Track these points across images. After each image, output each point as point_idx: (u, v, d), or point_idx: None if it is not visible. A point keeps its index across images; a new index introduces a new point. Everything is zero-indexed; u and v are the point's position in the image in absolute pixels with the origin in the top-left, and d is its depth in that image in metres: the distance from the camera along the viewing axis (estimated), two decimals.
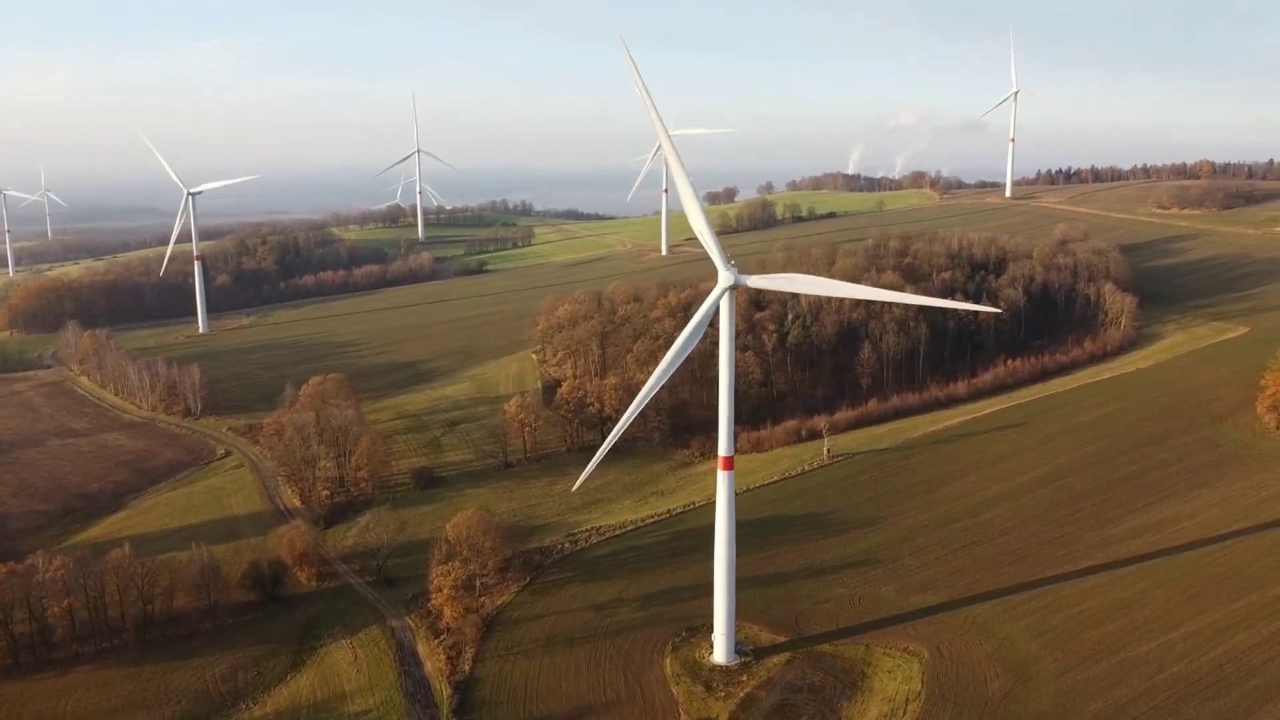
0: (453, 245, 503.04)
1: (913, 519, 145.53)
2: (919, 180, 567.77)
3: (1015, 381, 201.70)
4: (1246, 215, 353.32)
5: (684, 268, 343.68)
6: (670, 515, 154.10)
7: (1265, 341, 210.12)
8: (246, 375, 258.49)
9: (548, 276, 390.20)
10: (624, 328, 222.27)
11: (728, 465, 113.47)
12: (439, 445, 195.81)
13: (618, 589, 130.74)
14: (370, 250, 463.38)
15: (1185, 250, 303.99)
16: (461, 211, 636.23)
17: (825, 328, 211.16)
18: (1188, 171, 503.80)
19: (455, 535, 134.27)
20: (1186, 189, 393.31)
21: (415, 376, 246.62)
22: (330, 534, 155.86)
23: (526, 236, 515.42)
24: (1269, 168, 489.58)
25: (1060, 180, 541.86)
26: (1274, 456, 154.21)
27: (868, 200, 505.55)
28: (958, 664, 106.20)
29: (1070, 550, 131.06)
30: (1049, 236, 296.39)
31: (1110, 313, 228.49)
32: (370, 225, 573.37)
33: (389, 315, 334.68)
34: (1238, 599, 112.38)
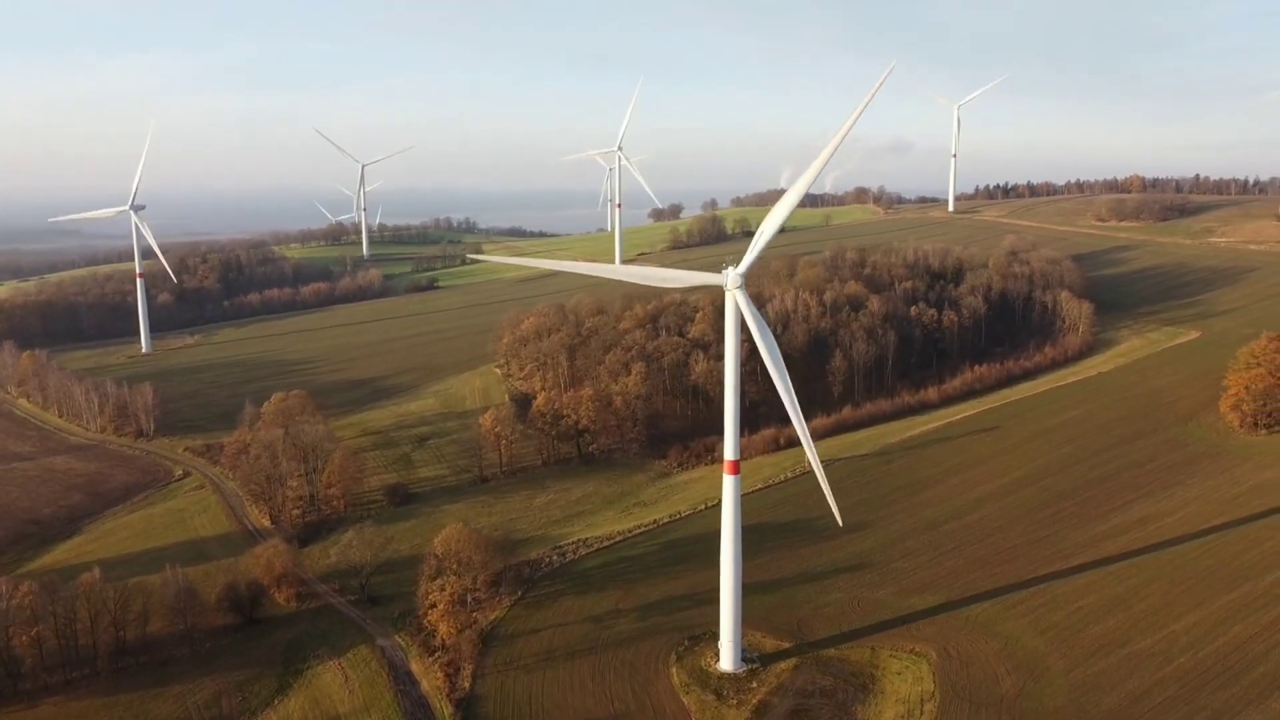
0: (399, 262, 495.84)
1: (901, 522, 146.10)
2: (862, 196, 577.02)
3: (983, 387, 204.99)
4: (1182, 227, 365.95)
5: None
6: (657, 525, 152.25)
7: (1217, 344, 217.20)
8: (199, 395, 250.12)
9: (501, 292, 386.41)
10: (592, 340, 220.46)
11: (733, 470, 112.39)
12: (409, 461, 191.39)
13: (613, 600, 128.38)
14: (315, 268, 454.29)
15: (1128, 260, 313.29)
16: (405, 229, 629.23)
17: (796, 336, 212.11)
18: (1119, 186, 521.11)
19: (444, 550, 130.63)
20: (1123, 202, 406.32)
21: (376, 393, 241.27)
22: (306, 553, 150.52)
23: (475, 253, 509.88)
24: (1196, 182, 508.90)
25: (999, 195, 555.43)
26: (1241, 453, 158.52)
27: (814, 215, 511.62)
28: (967, 663, 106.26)
29: (1059, 549, 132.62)
30: (999, 247, 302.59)
31: (1068, 319, 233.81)
32: (312, 243, 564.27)
33: (342, 332, 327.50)
34: (1231, 590, 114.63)
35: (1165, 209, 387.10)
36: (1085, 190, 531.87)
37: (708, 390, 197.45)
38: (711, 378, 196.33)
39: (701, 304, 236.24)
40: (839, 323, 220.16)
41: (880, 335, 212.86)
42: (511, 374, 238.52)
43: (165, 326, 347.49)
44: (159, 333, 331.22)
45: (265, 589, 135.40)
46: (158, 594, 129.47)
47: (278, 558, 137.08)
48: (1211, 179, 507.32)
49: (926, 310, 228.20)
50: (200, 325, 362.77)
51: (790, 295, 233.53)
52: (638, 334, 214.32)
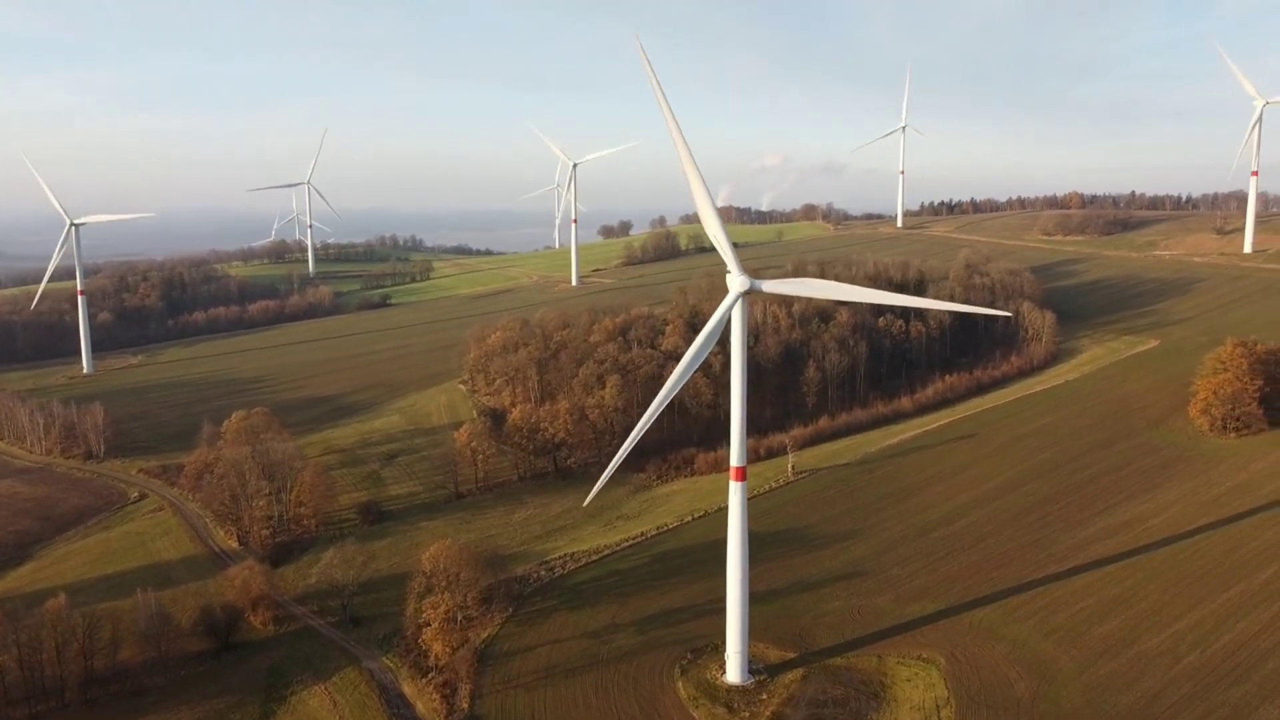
0: (347, 280, 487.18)
1: (890, 530, 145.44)
2: (810, 213, 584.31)
3: (955, 395, 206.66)
4: (1126, 240, 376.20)
5: (599, 297, 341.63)
6: (645, 538, 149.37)
7: (1177, 352, 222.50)
8: (149, 415, 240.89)
9: (456, 309, 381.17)
10: (562, 354, 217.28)
11: (740, 476, 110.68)
12: (379, 479, 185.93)
13: (609, 614, 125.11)
14: (261, 286, 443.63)
15: (1080, 272, 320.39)
16: (351, 247, 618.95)
17: (769, 348, 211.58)
18: (1059, 203, 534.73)
19: (432, 566, 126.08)
20: (1069, 217, 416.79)
21: (337, 411, 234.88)
22: (280, 575, 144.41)
23: (425, 271, 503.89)
24: (1132, 198, 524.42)
25: (944, 211, 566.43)
26: (1214, 456, 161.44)
27: (767, 231, 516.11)
28: (977, 668, 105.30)
29: (1050, 552, 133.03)
30: (956, 261, 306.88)
31: (1031, 329, 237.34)
32: (255, 262, 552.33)
33: (295, 350, 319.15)
34: (1228, 588, 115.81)
35: (1109, 223, 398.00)
36: (1027, 206, 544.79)
37: (684, 403, 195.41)
38: (688, 390, 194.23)
39: (671, 317, 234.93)
40: (810, 334, 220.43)
41: (852, 346, 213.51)
42: (478, 389, 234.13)
43: (106, 346, 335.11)
44: (100, 353, 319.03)
45: (241, 612, 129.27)
46: (128, 620, 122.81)
47: (254, 579, 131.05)
48: (1146, 195, 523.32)
49: (894, 321, 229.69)
50: (143, 345, 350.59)
51: (759, 307, 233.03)
52: (610, 347, 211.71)
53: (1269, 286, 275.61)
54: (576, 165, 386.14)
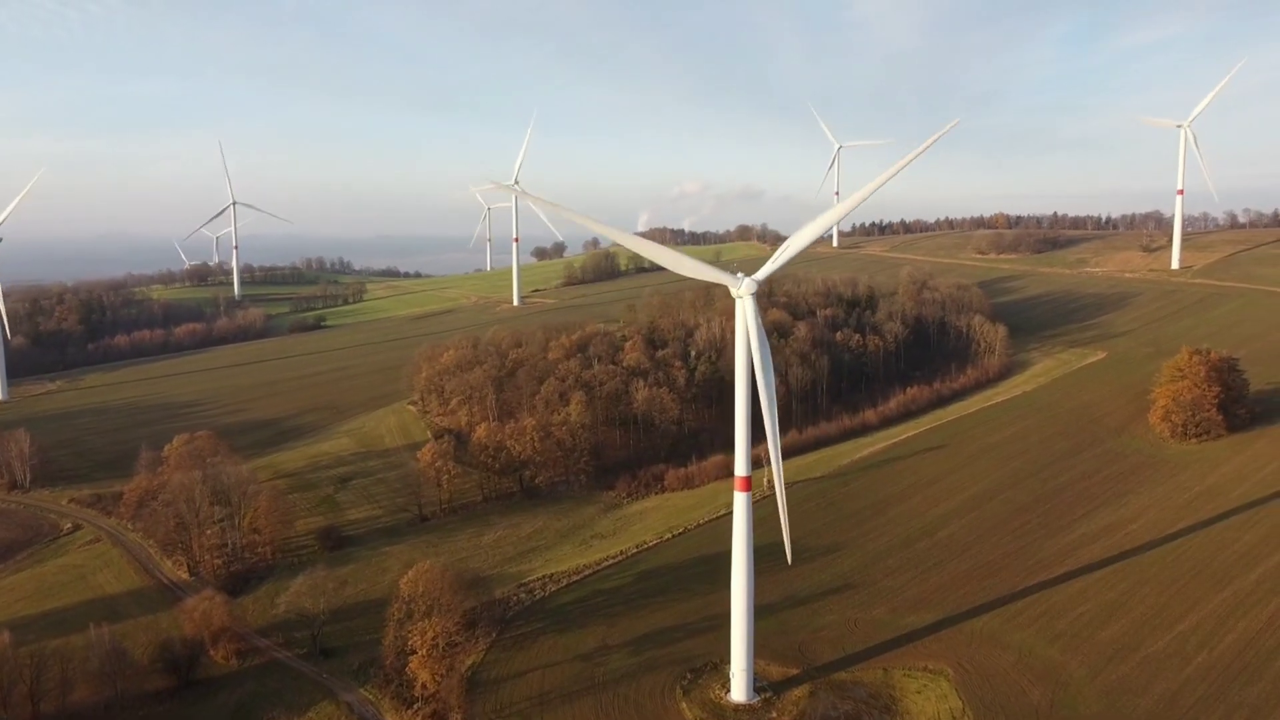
0: (276, 303, 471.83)
1: (874, 542, 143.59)
2: (745, 233, 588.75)
3: (917, 408, 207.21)
4: (1058, 258, 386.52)
5: (545, 316, 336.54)
6: (626, 557, 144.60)
7: (1125, 363, 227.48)
8: (76, 442, 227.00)
9: (396, 330, 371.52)
10: (520, 371, 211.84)
11: (744, 486, 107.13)
12: (335, 503, 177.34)
13: (599, 636, 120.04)
14: (186, 309, 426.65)
15: (1019, 289, 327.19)
16: (277, 270, 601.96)
17: (732, 362, 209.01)
18: (986, 223, 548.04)
19: (411, 591, 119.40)
20: (1001, 236, 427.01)
21: (281, 434, 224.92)
22: (238, 605, 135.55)
23: (358, 293, 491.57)
24: (1055, 219, 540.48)
25: (875, 232, 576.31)
26: (1179, 461, 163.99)
27: (704, 252, 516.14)
28: (987, 677, 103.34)
29: (1038, 559, 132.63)
30: (900, 277, 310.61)
31: (984, 342, 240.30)
32: (175, 285, 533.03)
33: (230, 373, 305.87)
34: (1221, 589, 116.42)
35: (1040, 242, 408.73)
36: (955, 227, 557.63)
37: (651, 418, 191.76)
38: (655, 405, 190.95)
39: (629, 333, 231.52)
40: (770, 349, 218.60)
41: (813, 360, 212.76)
42: (430, 410, 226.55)
43: (20, 372, 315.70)
44: (14, 379, 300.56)
45: (202, 646, 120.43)
46: (79, 658, 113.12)
47: (215, 610, 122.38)
48: (1069, 216, 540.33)
49: (852, 335, 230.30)
50: (61, 370, 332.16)
51: (716, 323, 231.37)
52: (571, 364, 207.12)
53: (1201, 300, 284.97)
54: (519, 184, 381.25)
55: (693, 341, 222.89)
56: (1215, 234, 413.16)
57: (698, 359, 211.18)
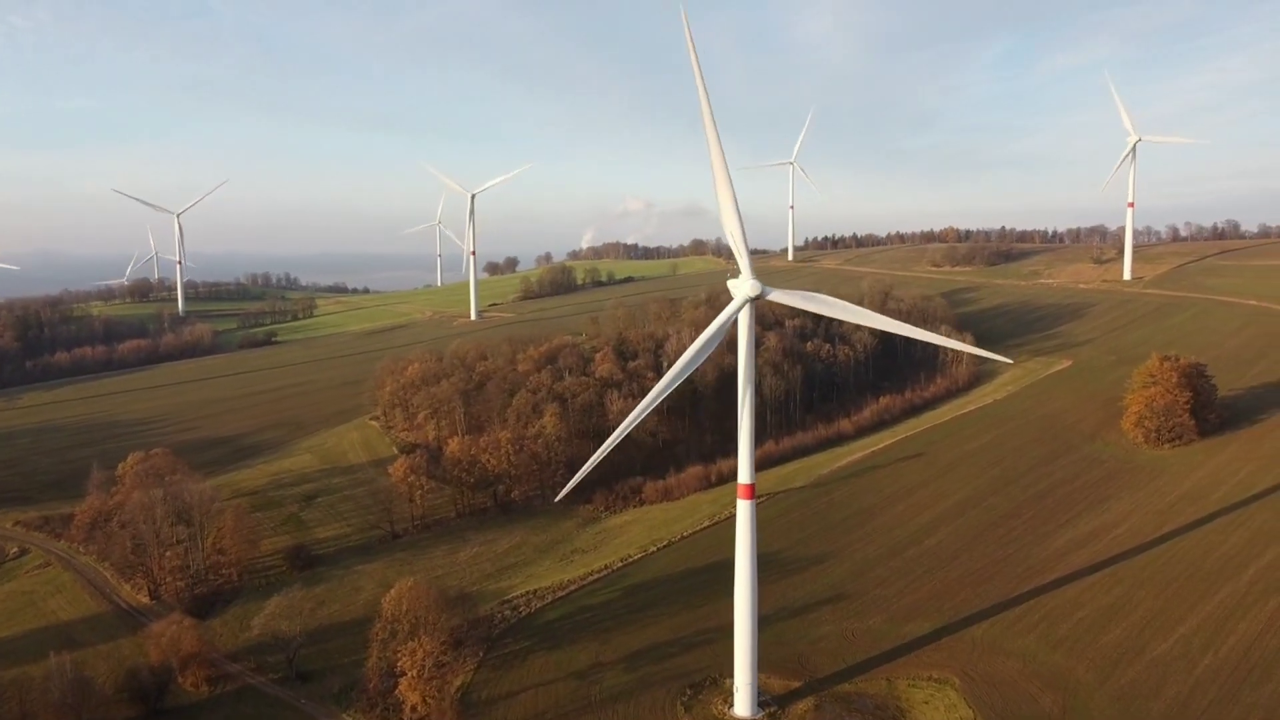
0: (222, 319, 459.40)
1: (862, 551, 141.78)
2: (700, 248, 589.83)
3: (891, 417, 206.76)
4: (1012, 270, 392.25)
5: (505, 329, 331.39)
6: (611, 571, 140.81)
7: (1090, 371, 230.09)
8: (20, 463, 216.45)
9: (351, 345, 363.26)
10: (489, 384, 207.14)
11: (748, 494, 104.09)
12: (301, 521, 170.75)
13: (592, 653, 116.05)
14: (129, 325, 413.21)
15: (977, 300, 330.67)
16: (222, 285, 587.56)
17: (706, 373, 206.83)
18: (936, 237, 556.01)
19: (394, 610, 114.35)
20: (955, 249, 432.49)
21: (238, 452, 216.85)
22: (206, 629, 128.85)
23: (308, 308, 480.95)
24: (1003, 233, 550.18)
25: (828, 246, 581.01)
26: (1154, 467, 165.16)
27: (660, 266, 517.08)
28: (995, 685, 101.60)
29: (1028, 565, 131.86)
30: (860, 289, 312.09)
31: (951, 352, 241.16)
32: (115, 301, 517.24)
33: (178, 390, 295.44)
34: (1216, 591, 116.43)
35: (994, 254, 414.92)
36: (906, 241, 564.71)
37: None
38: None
39: (599, 344, 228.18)
40: None
41: (786, 370, 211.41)
42: (394, 425, 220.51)
43: None
44: None
45: (171, 673, 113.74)
46: (38, 689, 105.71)
47: (185, 635, 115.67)
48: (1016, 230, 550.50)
49: (822, 345, 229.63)
50: None
51: (685, 334, 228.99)
52: (543, 375, 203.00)
53: (1157, 310, 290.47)
54: (474, 196, 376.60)
55: (664, 353, 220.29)
56: (1161, 246, 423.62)
57: None
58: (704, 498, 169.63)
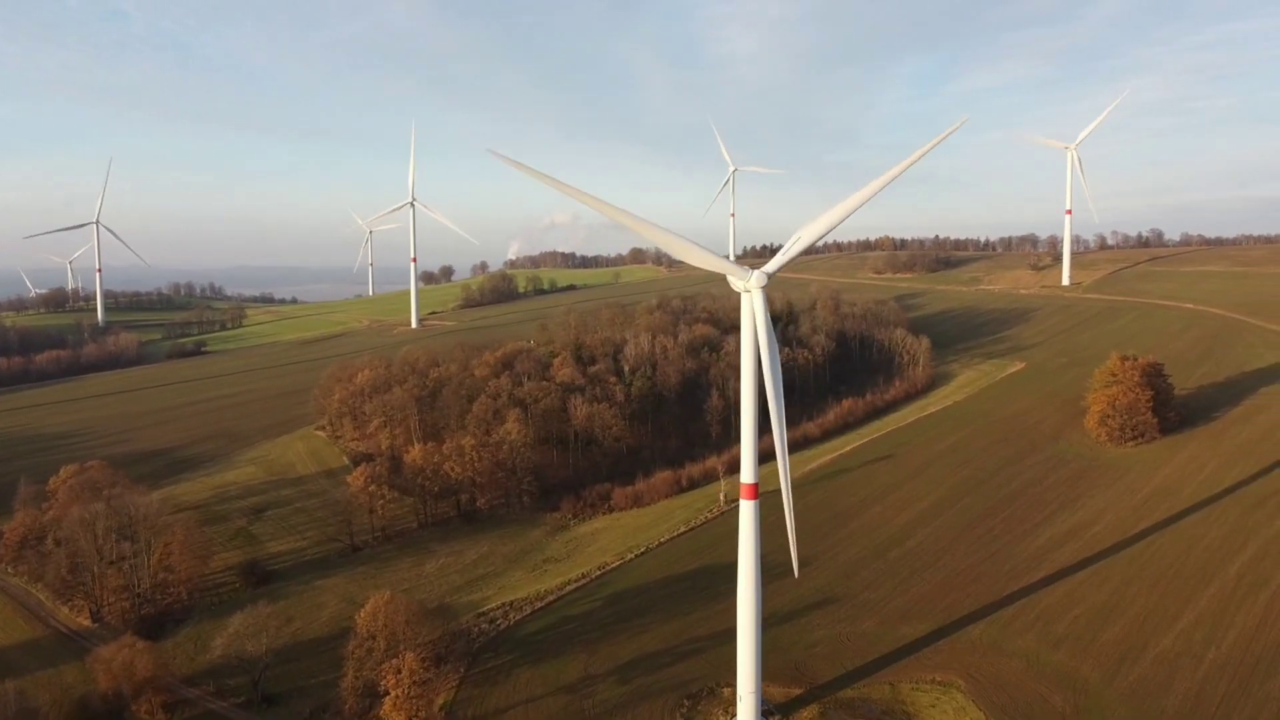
0: (146, 329, 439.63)
1: (845, 554, 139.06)
2: (640, 256, 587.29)
3: (855, 420, 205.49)
4: (953, 276, 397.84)
5: (449, 336, 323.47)
6: (590, 580, 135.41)
7: (1044, 372, 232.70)
8: None
9: (286, 355, 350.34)
10: (445, 390, 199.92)
11: (752, 494, 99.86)
12: (251, 536, 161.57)
13: (580, 665, 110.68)
14: (45, 336, 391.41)
15: (923, 305, 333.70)
16: (144, 295, 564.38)
17: (669, 377, 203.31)
18: (872, 245, 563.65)
19: (370, 626, 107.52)
20: (897, 256, 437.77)
21: (175, 465, 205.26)
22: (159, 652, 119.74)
23: (238, 318, 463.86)
24: (936, 241, 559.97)
25: (767, 254, 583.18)
26: (1121, 465, 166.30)
27: (604, 274, 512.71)
28: (1002, 686, 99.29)
29: (1013, 565, 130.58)
30: (810, 294, 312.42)
31: (908, 355, 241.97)
32: (28, 311, 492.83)
33: (105, 403, 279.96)
34: (1206, 585, 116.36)
35: (934, 262, 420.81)
36: (844, 250, 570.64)
37: (592, 435, 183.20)
38: (597, 422, 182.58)
39: (558, 349, 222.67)
40: (703, 363, 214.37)
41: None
42: (343, 434, 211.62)
43: None
44: None
45: (125, 701, 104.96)
46: None
47: (139, 659, 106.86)
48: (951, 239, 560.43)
49: (781, 349, 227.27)
50: None
51: (645, 338, 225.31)
52: (502, 380, 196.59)
53: (1098, 314, 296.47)
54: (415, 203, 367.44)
55: (623, 357, 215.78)
56: (1093, 254, 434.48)
57: (633, 374, 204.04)
58: (675, 503, 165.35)
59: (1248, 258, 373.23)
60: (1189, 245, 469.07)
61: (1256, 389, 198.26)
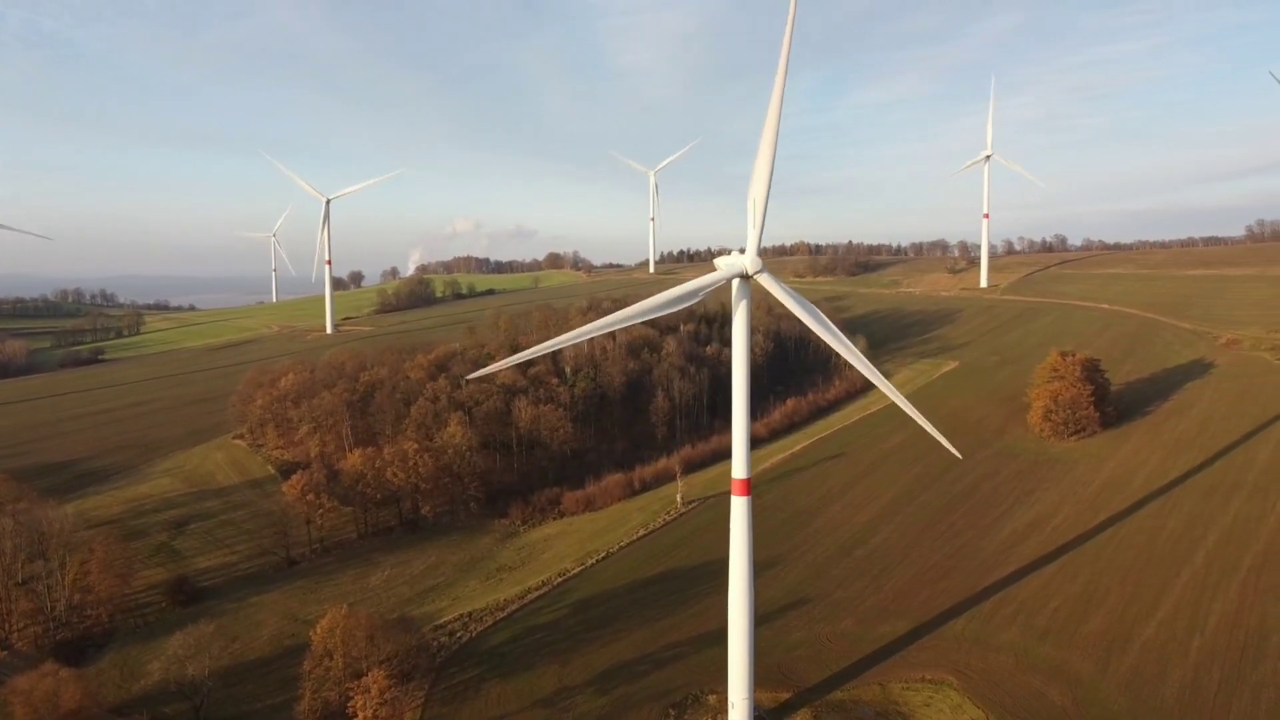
0: (32, 337, 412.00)
1: (811, 553, 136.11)
2: (558, 261, 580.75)
3: (800, 419, 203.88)
4: (873, 280, 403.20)
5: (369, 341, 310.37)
6: (552, 587, 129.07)
7: (978, 370, 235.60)
8: None
9: (193, 362, 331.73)
10: (379, 393, 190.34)
11: (743, 490, 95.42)
12: (174, 551, 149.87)
13: (554, 677, 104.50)
14: None
15: (850, 307, 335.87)
16: (25, 301, 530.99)
17: (613, 378, 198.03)
18: (788, 250, 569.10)
19: (327, 644, 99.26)
20: (817, 260, 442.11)
21: (80, 479, 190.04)
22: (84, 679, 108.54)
23: (135, 325, 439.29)
24: (849, 247, 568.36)
25: (684, 259, 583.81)
26: (1068, 459, 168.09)
27: (523, 279, 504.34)
28: (995, 682, 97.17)
29: (981, 560, 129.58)
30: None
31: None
32: None
33: None
34: (1178, 573, 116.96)
35: (854, 266, 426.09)
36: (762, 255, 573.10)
37: (538, 438, 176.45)
38: (544, 424, 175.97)
39: (496, 350, 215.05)
40: (645, 364, 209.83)
41: (694, 374, 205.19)
42: (266, 442, 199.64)
43: None
44: None
45: None
46: None
47: (65, 689, 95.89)
48: (864, 244, 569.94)
49: (722, 350, 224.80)
50: None
51: (590, 342, 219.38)
52: (441, 383, 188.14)
53: (1019, 314, 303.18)
54: (330, 201, 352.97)
55: (563, 358, 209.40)
56: (1002, 258, 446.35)
57: (575, 375, 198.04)
58: (630, 506, 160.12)
59: (1151, 261, 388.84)
60: (1090, 250, 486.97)
61: (1182, 384, 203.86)
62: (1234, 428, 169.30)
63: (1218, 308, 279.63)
